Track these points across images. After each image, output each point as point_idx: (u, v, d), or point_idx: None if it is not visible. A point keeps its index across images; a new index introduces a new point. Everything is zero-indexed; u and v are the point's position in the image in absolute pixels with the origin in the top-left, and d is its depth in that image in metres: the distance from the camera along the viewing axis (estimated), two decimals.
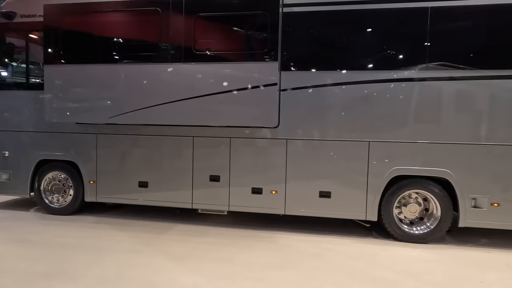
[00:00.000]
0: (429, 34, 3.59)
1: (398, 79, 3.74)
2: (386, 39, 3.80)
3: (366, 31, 3.86)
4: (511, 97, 3.55)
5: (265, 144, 4.10)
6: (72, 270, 2.90)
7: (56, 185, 4.70)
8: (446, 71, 3.60)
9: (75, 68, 4.13)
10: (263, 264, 3.12)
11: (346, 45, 3.93)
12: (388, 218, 3.85)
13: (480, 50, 3.64)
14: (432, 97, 3.68)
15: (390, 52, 3.82)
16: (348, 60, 3.89)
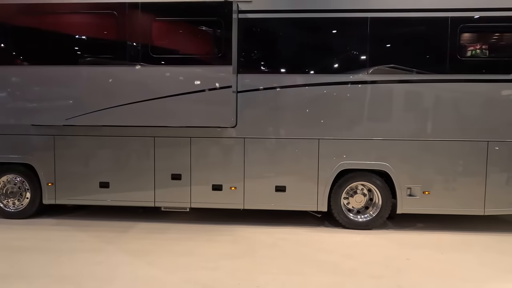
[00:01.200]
0: (367, 41, 4.02)
1: (341, 82, 4.11)
2: (330, 46, 4.19)
3: (312, 38, 4.21)
4: (437, 99, 4.08)
5: (224, 143, 4.31)
6: (27, 271, 2.94)
7: (10, 189, 4.58)
8: (382, 75, 4.05)
9: (30, 69, 4.06)
10: (221, 254, 3.36)
11: (296, 50, 4.23)
12: (337, 208, 4.25)
13: (411, 55, 4.12)
14: (371, 98, 4.10)
15: (334, 57, 4.21)
16: (298, 64, 4.21)
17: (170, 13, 3.92)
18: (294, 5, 4.07)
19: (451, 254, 3.46)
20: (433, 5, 3.94)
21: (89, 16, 4.01)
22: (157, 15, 3.92)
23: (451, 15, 3.91)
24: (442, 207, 4.13)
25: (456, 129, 4.04)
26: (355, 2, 4.03)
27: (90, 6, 3.93)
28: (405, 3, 3.99)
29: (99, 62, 4.06)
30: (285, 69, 4.23)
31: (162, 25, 3.98)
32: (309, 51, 4.22)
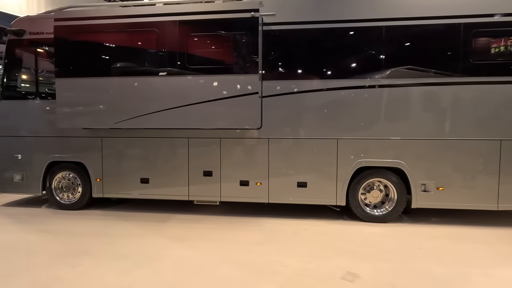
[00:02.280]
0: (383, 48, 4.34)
1: (358, 86, 4.43)
2: (347, 52, 4.53)
3: (331, 46, 4.54)
4: (451, 100, 4.32)
5: (250, 143, 4.76)
6: (89, 250, 3.52)
7: (65, 184, 5.27)
8: (395, 79, 4.34)
9: (83, 81, 4.69)
10: (250, 241, 3.81)
11: (316, 58, 4.58)
12: (355, 202, 4.60)
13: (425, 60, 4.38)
14: (386, 100, 4.39)
15: (351, 63, 4.55)
16: (318, 70, 4.58)
17: (203, 29, 4.42)
18: (314, 17, 4.44)
19: (463, 244, 3.72)
20: (446, 12, 4.19)
21: (135, 34, 4.58)
22: (192, 31, 4.44)
23: (464, 21, 4.16)
24: (456, 202, 4.37)
25: (470, 128, 4.26)
26: (370, 12, 4.34)
27: (135, 25, 4.50)
28: (416, 11, 4.25)
29: (142, 73, 4.62)
30: (306, 75, 4.61)
31: (196, 39, 4.49)
32: (328, 58, 4.56)
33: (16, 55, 5.27)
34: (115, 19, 4.57)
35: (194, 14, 4.37)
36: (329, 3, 4.42)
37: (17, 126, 5.22)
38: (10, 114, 5.19)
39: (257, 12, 4.23)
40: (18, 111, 5.21)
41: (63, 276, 2.92)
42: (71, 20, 4.65)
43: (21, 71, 5.35)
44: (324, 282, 2.79)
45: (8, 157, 5.24)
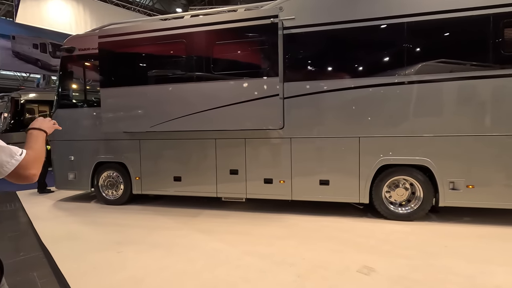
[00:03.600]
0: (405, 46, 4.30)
1: (385, 84, 4.44)
2: (369, 51, 4.55)
3: (352, 45, 4.59)
4: (479, 94, 4.15)
5: (273, 142, 4.98)
6: (132, 239, 4.00)
7: (110, 182, 5.93)
8: (420, 75, 4.28)
9: (123, 90, 5.26)
10: (273, 235, 4.04)
11: (337, 58, 4.68)
12: (378, 200, 4.61)
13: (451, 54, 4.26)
14: (410, 97, 4.35)
15: (378, 61, 4.54)
16: (339, 70, 4.67)
17: (227, 37, 4.73)
18: (334, 18, 4.53)
19: (492, 243, 3.60)
20: (472, 4, 4.05)
21: (166, 45, 5.03)
22: (217, 40, 4.77)
23: (493, 12, 3.98)
24: (487, 201, 4.20)
25: (499, 123, 4.07)
26: (390, 9, 4.33)
27: (165, 37, 4.96)
28: (435, 5, 4.14)
29: (173, 80, 5.07)
30: (327, 75, 4.72)
31: (221, 47, 4.82)
32: (349, 57, 4.62)
33: (68, 69, 6.04)
34: (148, 33, 5.06)
35: (219, 24, 4.70)
36: (350, 4, 4.49)
37: (70, 131, 5.97)
38: (65, 121, 5.96)
39: (277, 17, 4.43)
40: (70, 118, 5.96)
41: (111, 259, 3.40)
42: (112, 36, 5.24)
43: (72, 83, 6.12)
44: (340, 274, 2.93)
45: (64, 159, 6.02)
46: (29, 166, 1.08)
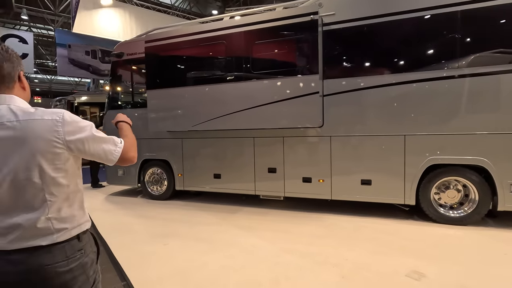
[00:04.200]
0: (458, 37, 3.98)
1: (433, 78, 4.16)
2: (416, 44, 4.28)
3: (397, 39, 4.37)
4: None
5: (312, 141, 4.92)
6: (178, 233, 4.23)
7: (155, 178, 6.30)
8: (477, 68, 3.94)
9: (168, 91, 5.55)
10: (312, 234, 4.00)
11: (379, 53, 4.48)
12: (426, 202, 4.34)
13: None
14: (469, 91, 4.00)
15: (425, 54, 4.27)
16: (381, 65, 4.47)
17: (266, 36, 4.76)
18: (376, 11, 4.35)
19: None
20: None
21: (207, 46, 5.21)
22: (256, 40, 4.83)
23: None
24: None
25: None
26: None
27: (206, 39, 5.13)
28: None
29: (213, 80, 5.23)
30: (369, 71, 4.54)
31: (260, 46, 4.87)
32: (394, 52, 4.41)
33: (118, 73, 6.52)
34: (190, 36, 5.28)
35: (258, 23, 4.75)
36: None
37: None
38: None
39: (317, 14, 4.36)
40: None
41: (158, 251, 3.63)
42: (157, 41, 5.55)
43: (121, 86, 6.60)
44: (387, 277, 2.82)
45: None
46: (129, 150, 1.28)
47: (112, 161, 1.23)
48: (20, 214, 1.06)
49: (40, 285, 1.08)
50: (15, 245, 1.05)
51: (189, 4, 16.22)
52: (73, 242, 1.15)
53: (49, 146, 1.07)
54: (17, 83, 1.14)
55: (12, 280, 1.06)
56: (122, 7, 12.03)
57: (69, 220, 1.14)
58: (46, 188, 1.08)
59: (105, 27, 11.06)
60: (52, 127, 1.07)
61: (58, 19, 14.61)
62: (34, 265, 1.06)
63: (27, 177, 1.05)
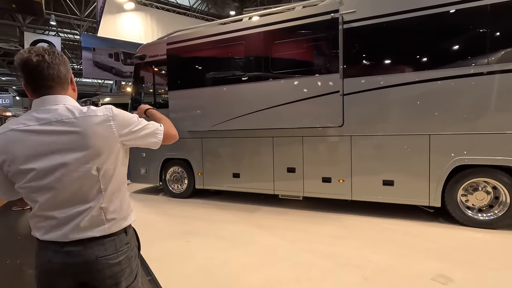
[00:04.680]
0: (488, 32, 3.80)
1: (460, 75, 4.00)
2: (441, 40, 4.13)
3: (421, 35, 4.21)
4: None
5: (332, 140, 4.86)
6: (198, 230, 4.32)
7: (176, 177, 6.46)
8: (507, 64, 3.75)
9: (188, 92, 5.67)
10: (332, 235, 3.97)
11: (402, 50, 4.36)
12: (452, 204, 4.18)
13: None
14: (493, 89, 3.84)
15: (451, 50, 4.12)
16: (404, 63, 4.35)
17: (286, 36, 4.76)
18: (400, 7, 4.22)
19: None
20: None
21: (226, 47, 5.28)
22: (276, 39, 4.84)
23: None
24: None
25: None
26: None
27: (227, 40, 5.20)
28: None
29: (233, 81, 5.29)
30: (391, 69, 4.43)
31: (279, 46, 4.87)
32: (417, 49, 4.28)
33: (140, 75, 6.72)
34: (210, 37, 5.36)
35: (278, 23, 4.76)
36: None
37: None
38: None
39: (337, 12, 4.31)
40: None
41: (180, 247, 3.73)
42: (178, 43, 5.69)
43: (144, 87, 6.81)
44: (412, 280, 2.76)
45: (137, 155, 6.73)
46: (169, 130, 1.41)
47: (157, 144, 1.34)
48: (77, 205, 1.14)
49: (94, 275, 1.17)
50: (71, 236, 1.13)
51: (207, 5, 16.44)
52: (121, 236, 1.24)
53: (105, 140, 1.15)
54: (70, 85, 1.23)
55: (70, 271, 1.15)
56: (143, 11, 12.41)
57: (117, 211, 1.23)
58: (101, 180, 1.15)
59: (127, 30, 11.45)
60: (106, 122, 1.15)
61: (83, 24, 15.24)
62: (89, 257, 1.15)
63: (86, 170, 1.12)
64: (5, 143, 1.10)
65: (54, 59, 1.13)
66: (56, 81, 1.15)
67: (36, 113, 1.12)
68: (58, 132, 1.10)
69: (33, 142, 1.09)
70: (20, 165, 1.09)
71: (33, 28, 15.59)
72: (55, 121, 1.10)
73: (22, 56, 1.11)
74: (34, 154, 1.09)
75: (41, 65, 1.11)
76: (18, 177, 1.11)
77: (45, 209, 1.12)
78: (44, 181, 1.10)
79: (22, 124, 1.10)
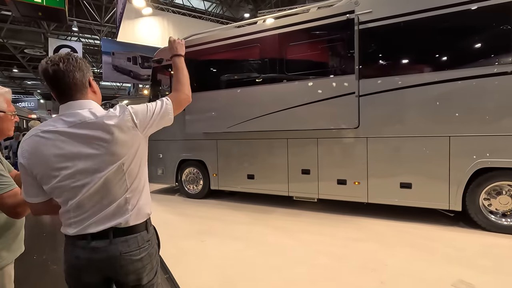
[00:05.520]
0: None
1: (483, 75, 3.87)
2: (462, 39, 4.02)
3: (440, 35, 4.11)
4: None
5: (347, 142, 4.81)
6: (214, 231, 4.38)
7: (191, 177, 6.57)
8: None
9: (204, 94, 5.77)
10: (347, 237, 3.92)
11: (420, 50, 4.26)
12: (474, 208, 4.04)
13: None
14: None
15: (472, 49, 4.00)
16: (422, 63, 4.25)
17: (301, 37, 4.77)
18: (418, 6, 4.14)
19: None
20: None
21: (241, 50, 5.34)
22: (290, 41, 4.85)
23: None
24: None
25: None
26: None
27: (241, 43, 5.27)
28: None
29: (248, 83, 5.34)
30: (409, 69, 4.34)
31: (294, 48, 4.88)
32: (436, 48, 4.17)
33: (158, 78, 6.89)
34: (225, 41, 5.44)
35: (292, 25, 4.77)
36: None
37: (158, 132, 6.72)
38: None
39: (353, 13, 4.28)
40: None
41: (196, 247, 3.79)
42: (194, 46, 5.79)
43: (161, 90, 6.98)
44: (431, 286, 2.69)
45: (154, 156, 6.90)
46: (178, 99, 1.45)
47: (171, 120, 1.39)
48: (105, 199, 1.21)
49: (118, 271, 1.24)
50: (98, 227, 1.20)
51: (221, 8, 16.64)
52: (143, 233, 1.31)
53: (129, 136, 1.22)
54: (89, 88, 1.27)
55: (95, 266, 1.22)
56: (161, 15, 12.73)
57: (137, 203, 1.28)
58: (127, 173, 1.22)
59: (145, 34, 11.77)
60: (127, 121, 1.21)
61: (103, 29, 15.80)
62: (113, 253, 1.22)
63: (114, 167, 1.18)
64: (35, 146, 1.16)
65: (68, 66, 1.17)
66: (73, 88, 1.20)
67: (63, 117, 1.19)
68: (84, 133, 1.16)
69: (63, 143, 1.16)
70: (51, 165, 1.16)
71: (56, 34, 16.31)
72: (80, 123, 1.17)
73: (41, 66, 1.18)
74: (64, 154, 1.15)
75: (56, 75, 1.17)
76: (49, 177, 1.17)
77: (76, 206, 1.19)
78: (75, 179, 1.16)
79: (52, 126, 1.18)
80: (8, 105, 1.45)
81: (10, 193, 1.31)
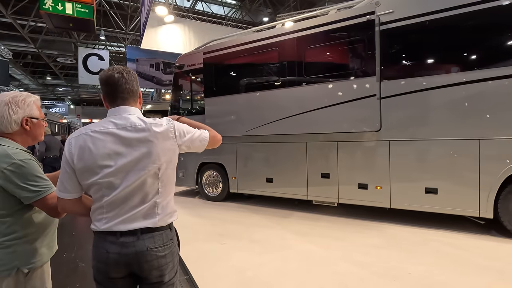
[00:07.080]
0: None
1: (509, 75, 3.67)
2: (491, 37, 3.82)
3: (466, 34, 3.94)
4: None
5: (368, 145, 4.69)
6: (233, 233, 4.41)
7: (211, 180, 6.67)
8: None
9: (223, 98, 5.87)
10: (369, 244, 3.81)
11: (445, 50, 4.09)
12: (507, 216, 3.80)
13: None
14: None
15: (497, 48, 3.80)
16: (447, 63, 4.08)
17: (320, 40, 4.74)
18: (442, 4, 3.99)
19: None
20: None
21: (260, 55, 5.39)
22: (309, 44, 4.83)
23: None
24: None
25: None
26: None
27: (261, 47, 5.31)
28: None
29: (267, 87, 5.36)
30: (434, 69, 4.18)
31: (313, 51, 4.86)
32: (465, 47, 3.99)
33: (179, 83, 7.09)
34: (244, 45, 5.51)
35: (311, 28, 4.75)
36: None
37: None
38: None
39: (373, 14, 4.20)
40: None
41: (216, 249, 3.84)
42: (214, 52, 5.93)
43: (182, 94, 7.17)
44: None
45: None
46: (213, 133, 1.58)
47: (203, 147, 1.52)
48: (138, 199, 1.29)
49: (143, 266, 1.30)
50: (128, 226, 1.28)
51: (241, 13, 16.86)
52: (167, 231, 1.39)
53: (169, 145, 1.35)
54: (139, 99, 1.45)
55: (123, 261, 1.29)
56: (182, 22, 13.13)
57: (166, 207, 1.38)
58: (160, 179, 1.33)
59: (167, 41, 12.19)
60: (170, 132, 1.35)
61: (128, 37, 16.49)
62: (141, 247, 1.29)
63: (151, 170, 1.29)
64: (84, 142, 1.27)
65: (130, 76, 1.37)
66: (130, 94, 1.37)
67: (113, 119, 1.32)
68: (132, 136, 1.29)
69: (111, 142, 1.27)
70: (96, 162, 1.26)
71: (85, 43, 17.23)
72: (129, 127, 1.30)
73: (106, 73, 1.35)
74: (111, 153, 1.26)
75: (120, 80, 1.34)
76: (92, 173, 1.27)
77: (111, 203, 1.28)
78: (116, 177, 1.26)
79: (103, 127, 1.30)
80: (40, 111, 1.55)
81: (52, 194, 1.42)
